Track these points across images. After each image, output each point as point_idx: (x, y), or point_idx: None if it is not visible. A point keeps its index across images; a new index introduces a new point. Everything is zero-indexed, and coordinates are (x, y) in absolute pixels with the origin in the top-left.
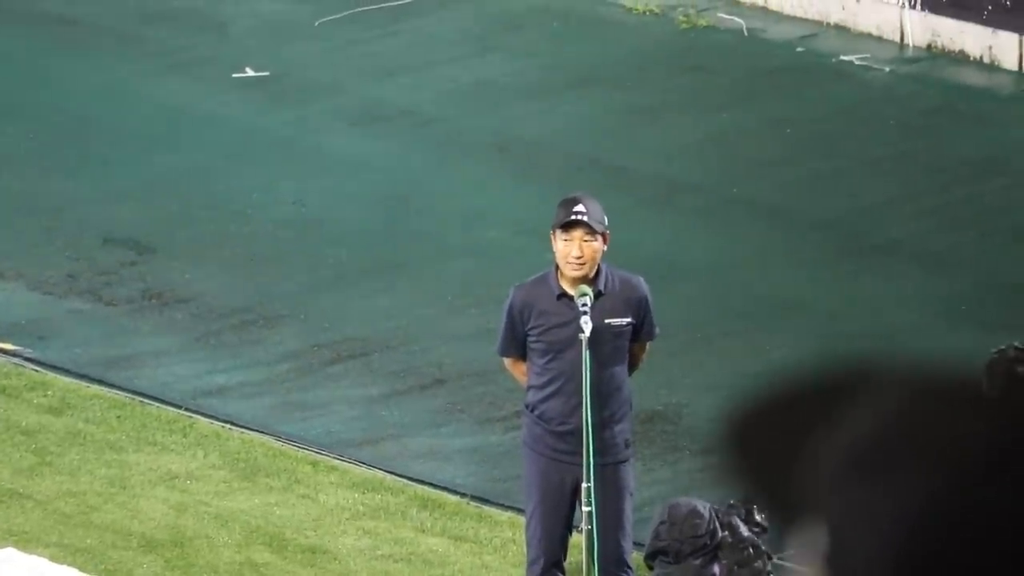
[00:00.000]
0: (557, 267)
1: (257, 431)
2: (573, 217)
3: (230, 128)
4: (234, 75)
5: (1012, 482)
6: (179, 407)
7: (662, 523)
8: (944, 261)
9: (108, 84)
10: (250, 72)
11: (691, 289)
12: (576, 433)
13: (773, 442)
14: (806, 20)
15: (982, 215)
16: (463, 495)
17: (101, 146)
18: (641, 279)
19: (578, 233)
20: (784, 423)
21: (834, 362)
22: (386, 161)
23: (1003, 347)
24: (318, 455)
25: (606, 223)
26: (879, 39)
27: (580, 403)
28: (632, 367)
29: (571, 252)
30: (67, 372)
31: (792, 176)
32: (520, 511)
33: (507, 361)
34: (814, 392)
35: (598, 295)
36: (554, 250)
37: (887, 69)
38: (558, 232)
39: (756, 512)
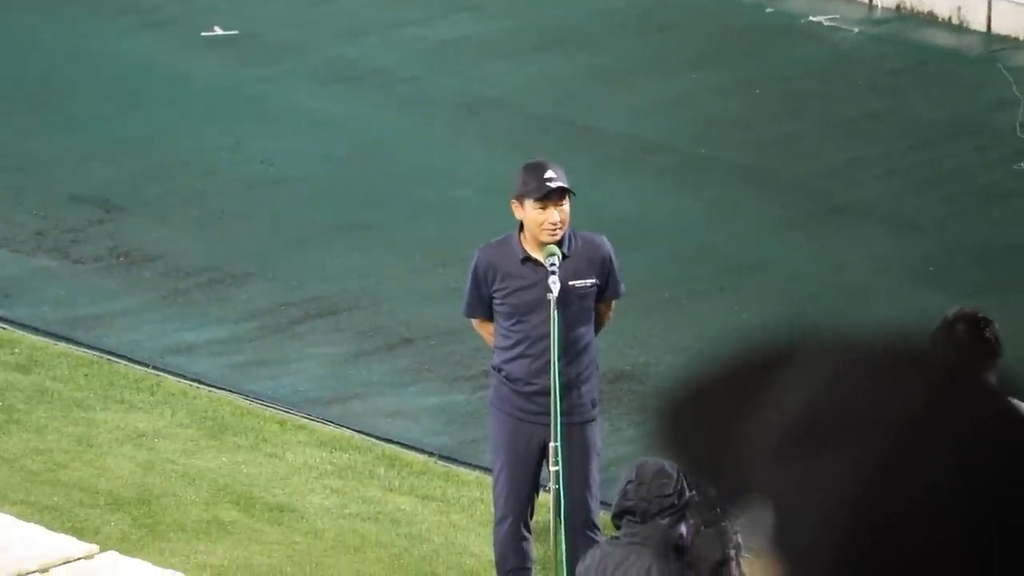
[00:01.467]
0: (520, 229)
1: (225, 389)
2: (551, 185)
3: (199, 87)
4: (203, 34)
5: (945, 440)
6: (147, 365)
7: (629, 482)
8: (912, 223)
9: (77, 42)
10: (219, 31)
11: (659, 249)
12: (543, 393)
13: (709, 423)
14: None
15: (950, 176)
16: (430, 454)
17: (69, 104)
18: (604, 238)
19: (553, 200)
20: (719, 402)
21: (767, 337)
22: (354, 120)
23: (945, 312)
24: (286, 414)
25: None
26: (848, 0)
27: (547, 364)
28: (598, 326)
29: (548, 219)
30: (34, 330)
31: (760, 137)
32: (487, 470)
33: (474, 322)
34: (747, 369)
35: (563, 257)
36: (519, 217)
37: (856, 30)
38: (529, 202)
39: None
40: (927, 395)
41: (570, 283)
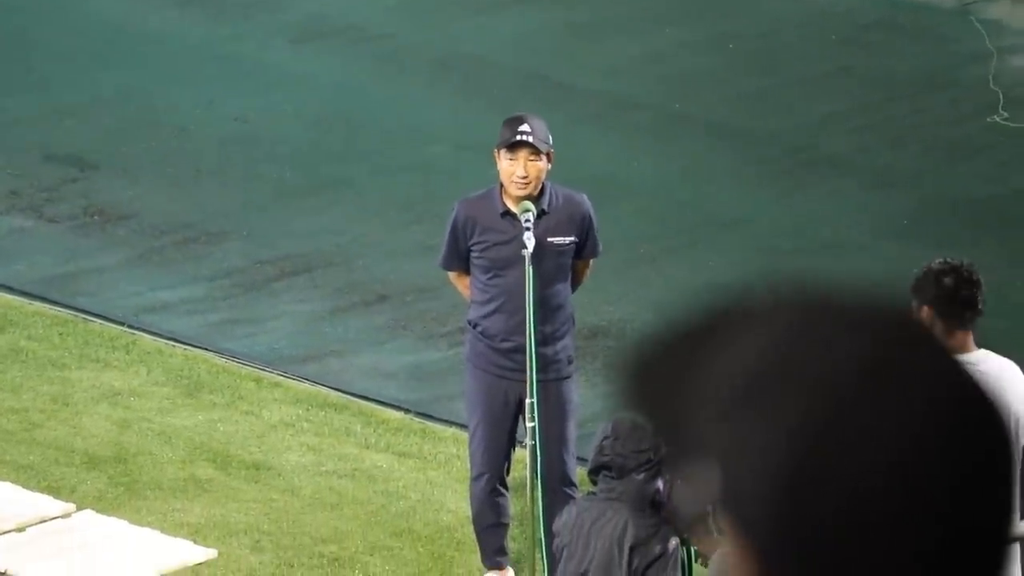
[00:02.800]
0: (501, 184)
1: (200, 348)
2: (518, 137)
3: (171, 44)
4: None
5: (889, 399)
6: (122, 324)
7: (605, 438)
8: (886, 177)
9: (48, 0)
10: None
11: (633, 205)
12: (519, 350)
13: (665, 380)
14: None
15: (924, 130)
16: (407, 411)
17: (42, 63)
18: (584, 196)
19: (523, 153)
20: (676, 359)
21: (726, 294)
22: (328, 77)
23: (928, 263)
24: (261, 371)
25: (551, 142)
26: None
27: (523, 320)
28: (575, 284)
29: (516, 172)
30: (9, 289)
31: (734, 92)
32: (463, 427)
33: (451, 275)
34: (705, 326)
35: (541, 213)
36: (498, 169)
37: None
38: (503, 151)
39: None
40: (875, 352)
41: (548, 240)
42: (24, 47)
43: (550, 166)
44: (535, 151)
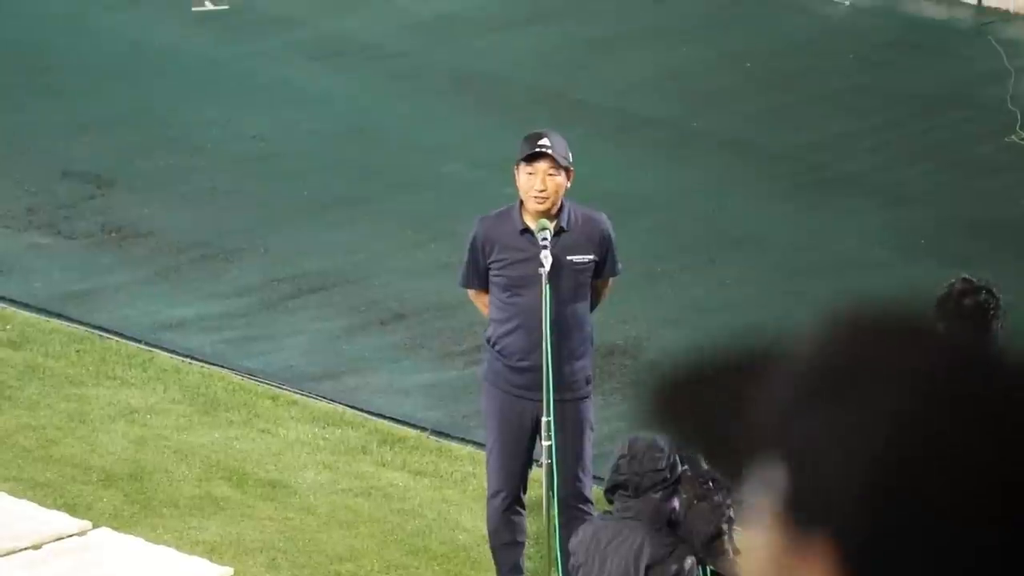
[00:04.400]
0: (521, 202)
1: (217, 365)
2: (537, 149)
3: (190, 61)
4: (194, 8)
5: (967, 398)
6: (139, 341)
7: (622, 457)
8: (903, 195)
9: (68, 16)
10: (209, 5)
11: (650, 223)
12: (536, 369)
13: (709, 394)
14: None
15: (941, 149)
16: (423, 429)
17: (60, 79)
18: (604, 216)
19: (542, 166)
20: (713, 384)
21: (756, 340)
22: (346, 95)
23: (951, 280)
24: (278, 389)
25: (571, 159)
26: None
27: (541, 339)
28: (595, 303)
29: (534, 185)
30: (26, 306)
31: (751, 110)
32: (480, 445)
33: (470, 292)
34: (746, 355)
35: (560, 232)
36: (517, 184)
37: (847, 2)
38: (522, 165)
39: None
40: (945, 356)
41: (567, 258)
42: (42, 64)
43: (569, 184)
44: (554, 165)
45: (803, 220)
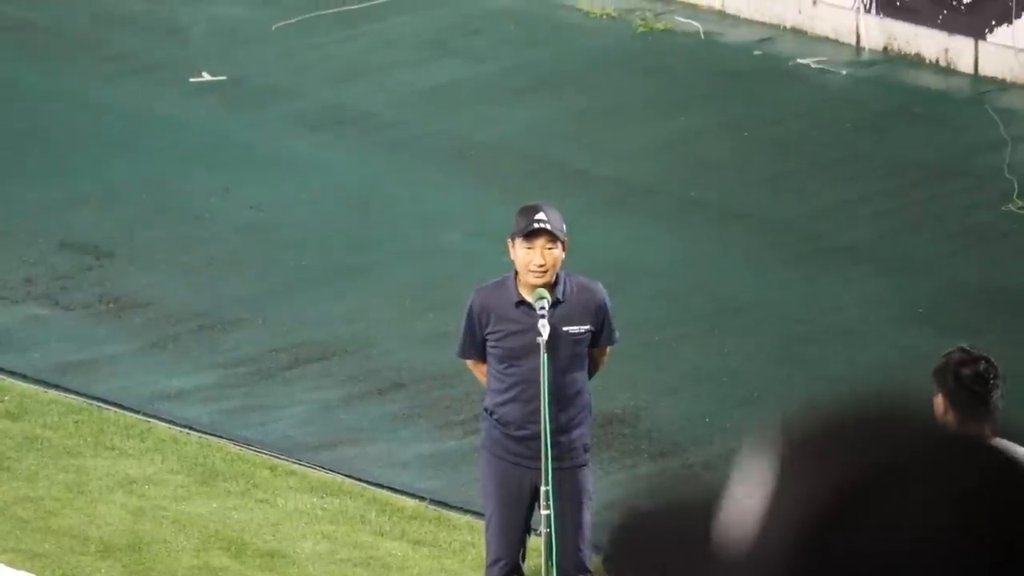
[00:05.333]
0: (516, 274)
1: (215, 435)
2: (536, 226)
3: (187, 133)
4: (191, 79)
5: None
6: (137, 412)
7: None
8: (901, 264)
9: (65, 88)
10: (207, 76)
11: (648, 291)
12: (535, 438)
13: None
14: (763, 24)
15: (939, 218)
16: (422, 499)
17: (58, 150)
18: (600, 285)
19: (540, 241)
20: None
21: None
22: (344, 165)
23: (949, 350)
24: (276, 459)
25: (565, 230)
26: (835, 42)
27: (539, 408)
28: (593, 371)
29: (533, 260)
30: (24, 377)
31: (749, 179)
32: (478, 514)
33: (468, 362)
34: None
35: (556, 303)
36: (512, 258)
37: (843, 72)
38: (519, 241)
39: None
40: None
41: (563, 329)
42: (39, 134)
43: (564, 255)
44: (552, 239)
45: (802, 288)
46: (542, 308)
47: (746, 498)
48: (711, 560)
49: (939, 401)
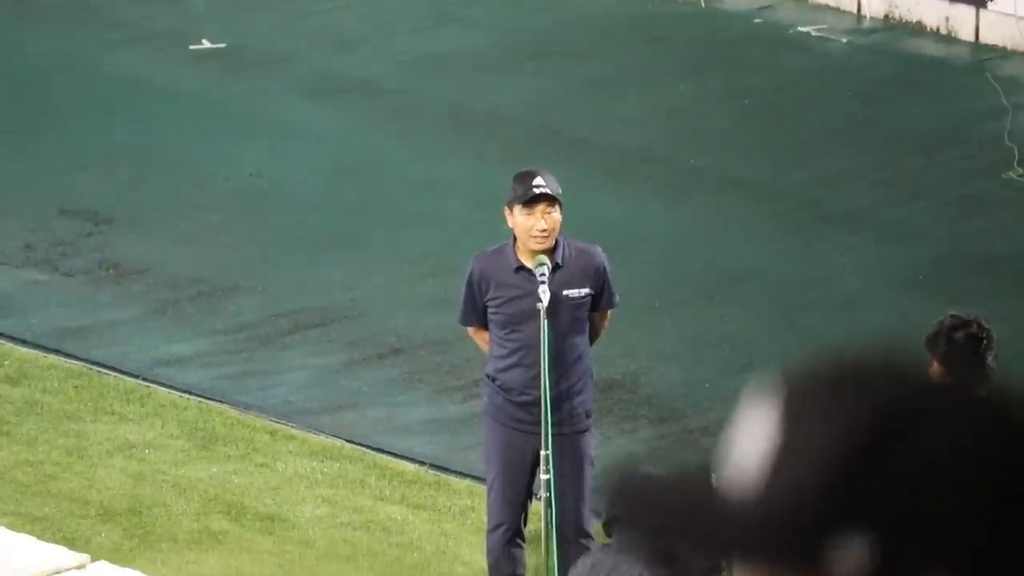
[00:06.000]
0: (515, 239)
1: (215, 400)
2: (536, 191)
3: (187, 99)
4: (191, 47)
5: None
6: (137, 377)
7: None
8: (901, 231)
9: (65, 55)
10: (206, 44)
11: (648, 259)
12: (537, 403)
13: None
14: None
15: (939, 185)
16: (421, 463)
17: (58, 117)
18: (599, 248)
19: (540, 206)
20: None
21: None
22: (343, 132)
23: (941, 318)
24: (276, 424)
25: (560, 192)
26: (836, 10)
27: (540, 373)
28: (594, 336)
29: (535, 225)
30: (24, 342)
31: (749, 147)
32: (478, 479)
33: (470, 329)
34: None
35: (556, 267)
36: (511, 225)
37: (844, 40)
38: (518, 207)
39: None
40: (925, 389)
41: (563, 293)
42: (39, 101)
43: (562, 218)
44: (551, 202)
45: (801, 256)
46: (542, 275)
47: (751, 448)
48: (716, 512)
49: (935, 369)
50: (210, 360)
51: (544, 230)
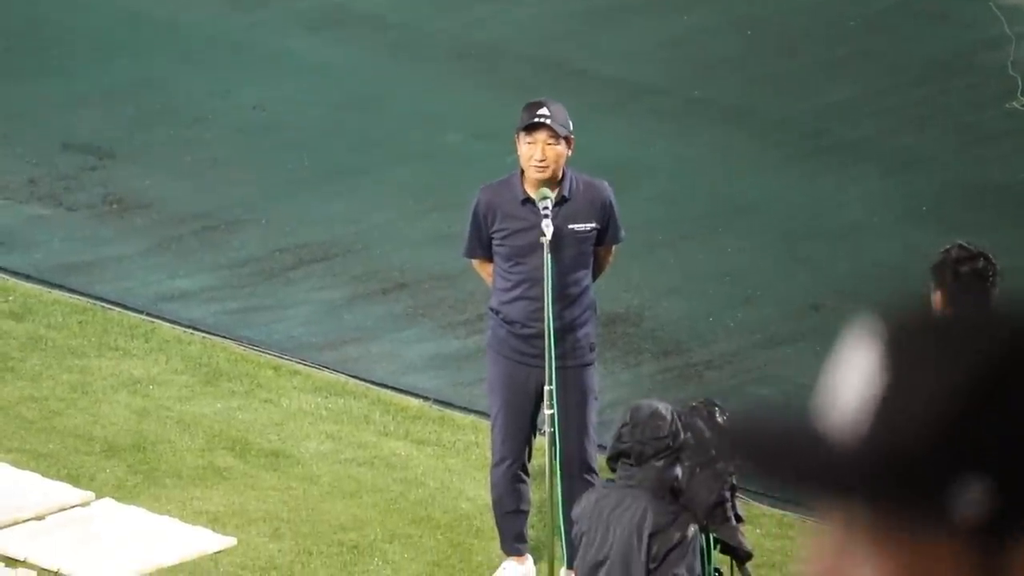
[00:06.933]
0: (522, 171)
1: (219, 336)
2: (536, 119)
3: (188, 33)
4: None
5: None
6: (141, 312)
7: (624, 425)
8: (906, 161)
9: None
10: None
11: (652, 191)
12: (541, 336)
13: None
14: None
15: (944, 114)
16: (425, 398)
17: (59, 51)
18: (606, 183)
19: (541, 136)
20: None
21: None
22: (345, 65)
23: (947, 247)
24: (280, 359)
25: (570, 128)
26: None
27: (544, 306)
28: (598, 271)
29: (534, 155)
30: (28, 278)
31: (753, 77)
32: (482, 414)
33: (474, 262)
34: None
35: (563, 200)
36: (518, 153)
37: None
38: (521, 135)
39: (719, 414)
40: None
41: (569, 227)
42: (41, 36)
43: (570, 152)
44: (553, 134)
45: (805, 187)
46: (545, 207)
47: (855, 392)
48: (830, 455)
49: (937, 297)
50: (214, 295)
51: (542, 160)
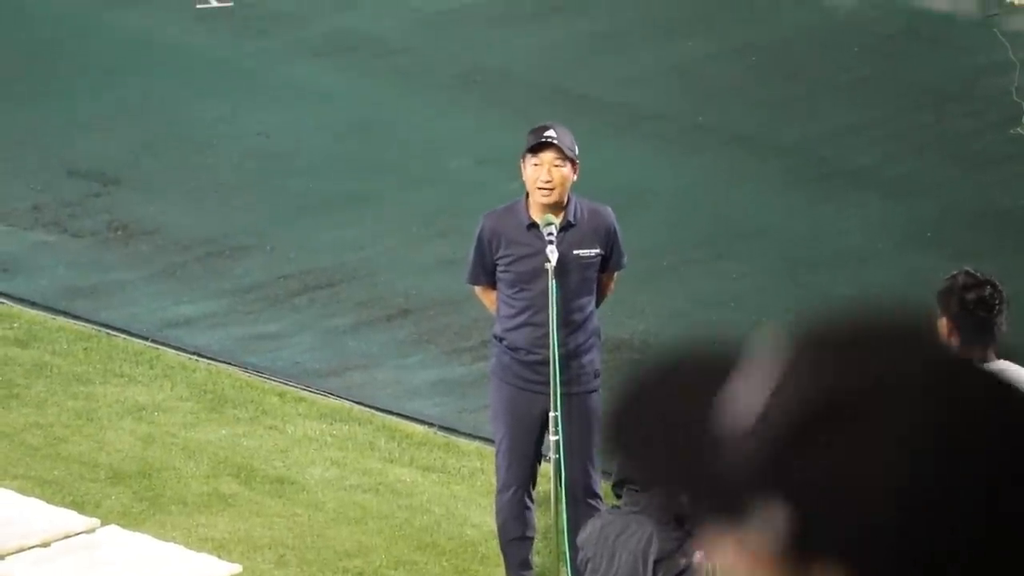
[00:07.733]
0: (527, 196)
1: (224, 362)
2: (543, 139)
3: (194, 59)
4: (198, 6)
5: (995, 420)
6: (146, 339)
7: None
8: (907, 187)
9: (71, 13)
10: (214, 3)
11: (655, 217)
12: (545, 363)
13: (673, 427)
14: None
15: (946, 141)
16: (430, 425)
17: (65, 77)
18: (609, 209)
19: (547, 157)
20: (681, 403)
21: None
22: (350, 91)
23: (954, 273)
24: (285, 386)
25: (576, 152)
26: None
27: (549, 333)
28: (601, 297)
29: (540, 176)
30: (33, 304)
31: (756, 102)
32: (487, 440)
33: (477, 289)
34: (706, 368)
35: (567, 226)
36: (523, 177)
37: None
38: (527, 157)
39: None
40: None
41: (574, 252)
42: (47, 61)
43: (575, 177)
44: (560, 156)
45: (808, 213)
46: (550, 233)
47: (754, 383)
48: (714, 426)
49: (943, 323)
50: (219, 321)
51: (548, 182)
